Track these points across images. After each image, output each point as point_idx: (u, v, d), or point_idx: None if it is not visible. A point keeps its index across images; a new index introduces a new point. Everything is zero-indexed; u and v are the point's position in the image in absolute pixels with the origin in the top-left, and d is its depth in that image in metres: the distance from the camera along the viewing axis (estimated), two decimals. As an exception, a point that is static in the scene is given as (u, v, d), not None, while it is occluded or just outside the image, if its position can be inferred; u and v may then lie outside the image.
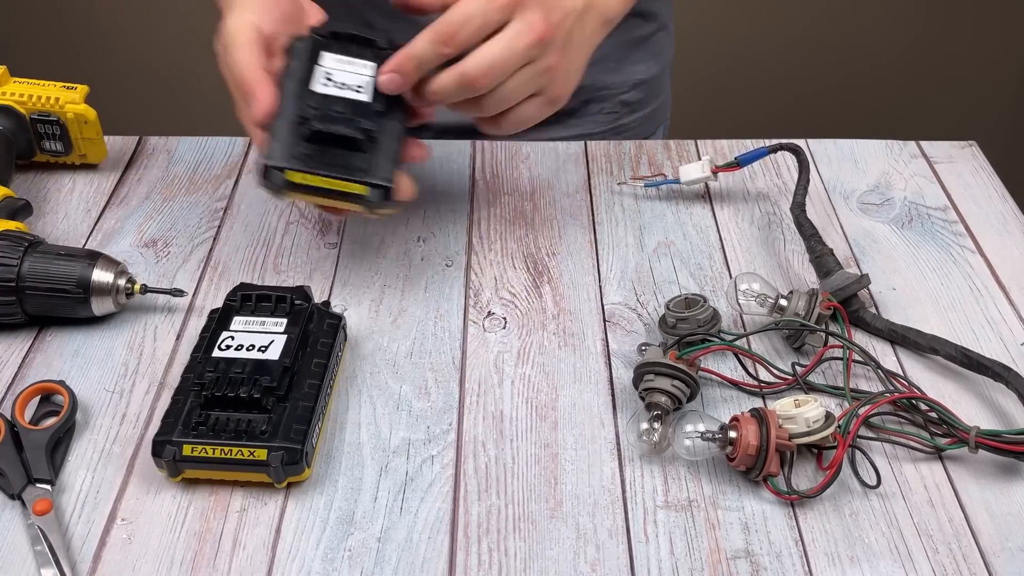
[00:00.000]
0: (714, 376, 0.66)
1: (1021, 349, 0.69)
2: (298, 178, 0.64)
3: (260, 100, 0.65)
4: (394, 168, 0.66)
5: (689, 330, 0.66)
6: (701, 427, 0.59)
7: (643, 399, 0.63)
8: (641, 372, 0.63)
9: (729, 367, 0.67)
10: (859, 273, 0.72)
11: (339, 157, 0.65)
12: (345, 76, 0.67)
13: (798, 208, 0.76)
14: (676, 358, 0.62)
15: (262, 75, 0.66)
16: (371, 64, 0.68)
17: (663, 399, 0.61)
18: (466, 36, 0.65)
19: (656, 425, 0.60)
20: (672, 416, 0.62)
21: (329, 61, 0.68)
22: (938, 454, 0.61)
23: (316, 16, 0.73)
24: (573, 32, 0.70)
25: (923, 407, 0.63)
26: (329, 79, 0.67)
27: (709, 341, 0.66)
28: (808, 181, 0.77)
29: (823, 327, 0.67)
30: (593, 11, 0.72)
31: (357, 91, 0.67)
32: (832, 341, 0.66)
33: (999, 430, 0.60)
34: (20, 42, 2.05)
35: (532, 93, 0.70)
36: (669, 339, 0.67)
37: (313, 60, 0.67)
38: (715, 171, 0.81)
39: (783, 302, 0.68)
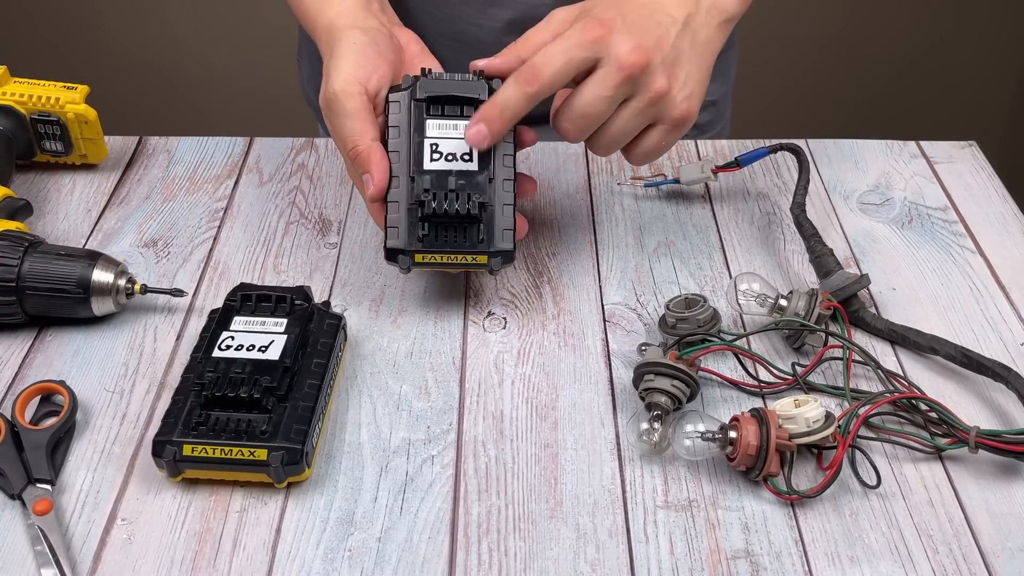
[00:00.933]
0: (714, 376, 0.66)
1: (1021, 349, 0.69)
2: (423, 259, 0.67)
3: (375, 178, 0.66)
4: (512, 228, 0.67)
5: (689, 330, 0.66)
6: (701, 427, 0.59)
7: (643, 399, 0.63)
8: (641, 372, 0.63)
9: (729, 367, 0.67)
10: (859, 273, 0.72)
11: (459, 232, 0.67)
12: (450, 145, 0.67)
13: (798, 208, 0.76)
14: (676, 358, 0.62)
15: (375, 148, 0.66)
16: None
17: (663, 399, 0.61)
18: (551, 75, 0.63)
19: (656, 425, 0.60)
20: (672, 416, 0.62)
21: (433, 129, 0.67)
22: (938, 454, 0.61)
23: (414, 50, 0.72)
24: (680, 46, 0.66)
25: (923, 407, 0.63)
26: (436, 150, 0.67)
27: (709, 341, 0.66)
28: (808, 181, 0.77)
29: (823, 327, 0.67)
30: (705, 13, 0.68)
31: (465, 160, 0.67)
32: (832, 341, 0.66)
33: (999, 430, 0.60)
34: (20, 42, 2.05)
35: (648, 124, 0.67)
36: (669, 339, 0.67)
37: (419, 128, 0.67)
38: (715, 171, 0.81)
39: (783, 302, 0.68)
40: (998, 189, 0.85)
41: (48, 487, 0.59)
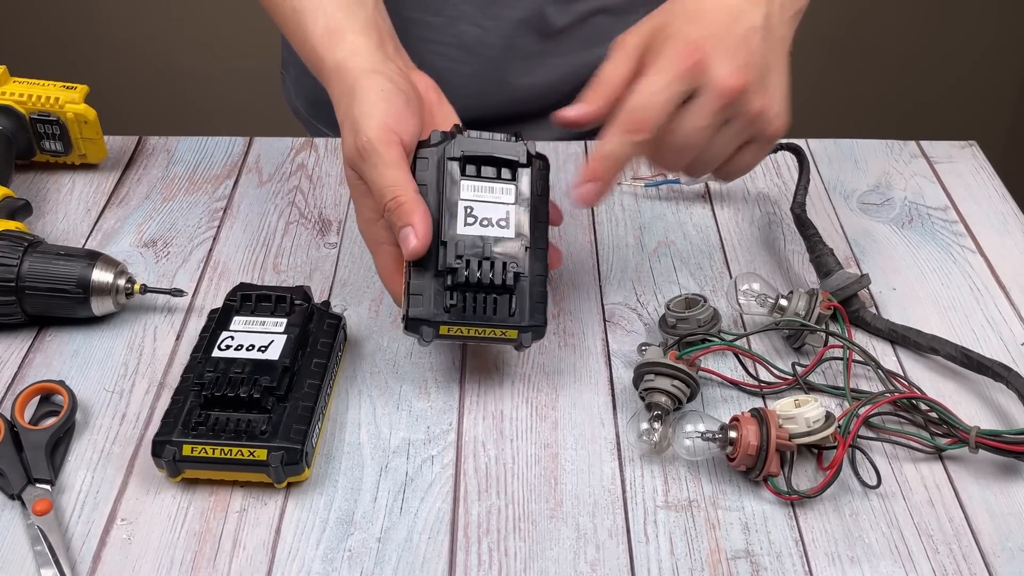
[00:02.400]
0: (714, 376, 0.66)
1: (1021, 349, 0.69)
2: (448, 331, 0.61)
3: (419, 230, 0.60)
4: (544, 300, 0.63)
5: (689, 330, 0.66)
6: (701, 427, 0.59)
7: (643, 399, 0.63)
8: (641, 372, 0.63)
9: (729, 367, 0.67)
10: (859, 273, 0.72)
11: (489, 303, 0.61)
12: (485, 209, 0.62)
13: (799, 208, 0.76)
14: (676, 358, 0.62)
15: (418, 201, 0.60)
16: (510, 187, 0.63)
17: (663, 399, 0.61)
18: (655, 117, 0.59)
19: (656, 425, 0.60)
20: (672, 416, 0.62)
21: (468, 191, 0.62)
22: (938, 454, 0.61)
23: (432, 99, 0.68)
24: (766, 54, 0.62)
25: (923, 407, 0.63)
26: (470, 213, 0.62)
27: (709, 341, 0.66)
28: (808, 181, 0.77)
29: (823, 327, 0.66)
30: (779, 8, 0.64)
31: (501, 226, 0.62)
32: (832, 341, 0.66)
33: (999, 430, 0.60)
34: (20, 42, 2.05)
35: (744, 142, 0.64)
36: (669, 339, 0.67)
37: (451, 189, 0.62)
38: None
39: (783, 302, 0.68)
40: (998, 189, 0.85)
41: (48, 487, 0.59)
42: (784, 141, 0.80)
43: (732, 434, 0.58)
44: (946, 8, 2.00)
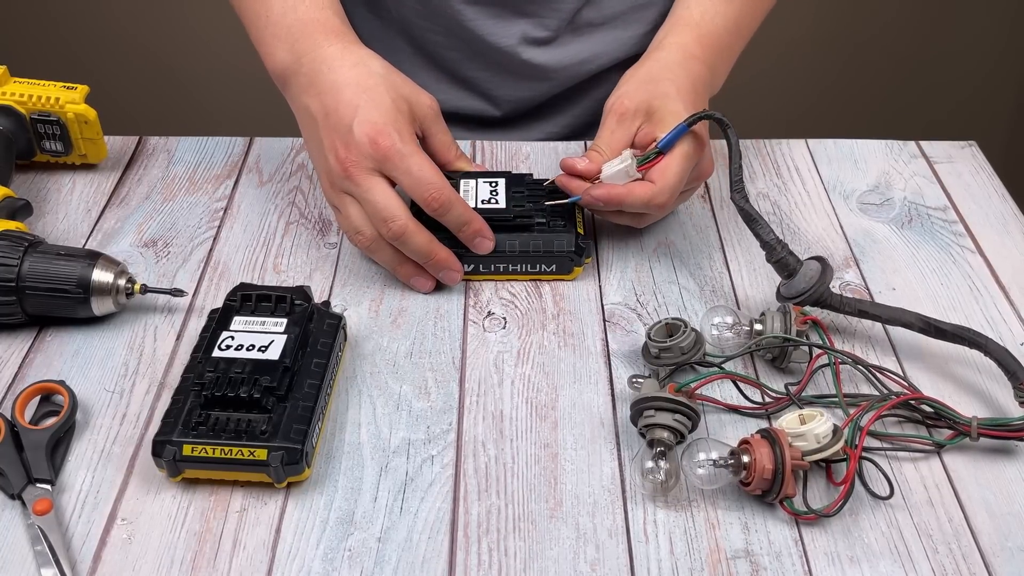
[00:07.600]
0: (710, 403, 0.64)
1: (1021, 349, 0.69)
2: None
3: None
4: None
5: (674, 359, 0.64)
6: (714, 455, 0.57)
7: (643, 435, 0.61)
8: (640, 408, 0.60)
9: (718, 390, 0.65)
10: (819, 266, 0.68)
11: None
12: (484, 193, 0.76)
13: (740, 196, 0.69)
14: (676, 390, 0.60)
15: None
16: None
17: (666, 435, 0.59)
18: (669, 203, 0.72)
19: (661, 463, 0.58)
20: (675, 451, 0.59)
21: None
22: (939, 451, 0.61)
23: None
24: None
25: (922, 406, 0.62)
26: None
27: (702, 370, 0.64)
28: (740, 155, 0.69)
29: (806, 340, 0.65)
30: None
31: (495, 202, 0.76)
32: (818, 351, 0.64)
33: (998, 418, 0.61)
34: (20, 42, 2.05)
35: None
36: (658, 370, 0.65)
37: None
38: (641, 169, 0.72)
39: (758, 327, 0.66)
40: (998, 189, 0.85)
41: (48, 487, 0.59)
42: (704, 112, 0.71)
43: (745, 458, 0.57)
44: (946, 8, 2.00)
